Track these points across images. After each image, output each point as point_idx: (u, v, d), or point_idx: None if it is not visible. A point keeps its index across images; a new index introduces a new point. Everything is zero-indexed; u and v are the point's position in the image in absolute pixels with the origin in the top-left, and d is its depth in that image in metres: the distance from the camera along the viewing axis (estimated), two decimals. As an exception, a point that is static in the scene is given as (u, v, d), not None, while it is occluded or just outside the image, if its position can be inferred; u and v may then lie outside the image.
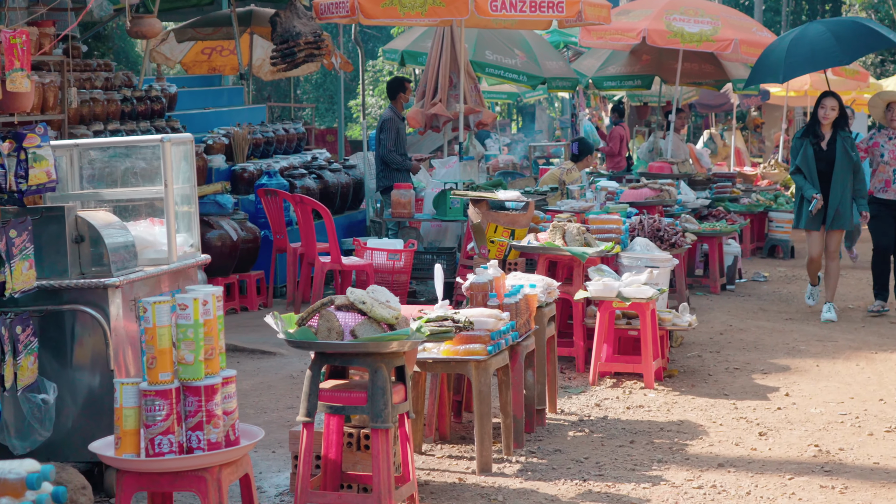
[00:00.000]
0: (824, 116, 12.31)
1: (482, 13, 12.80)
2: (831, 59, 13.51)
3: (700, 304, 13.29)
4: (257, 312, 12.07)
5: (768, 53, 14.06)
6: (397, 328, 5.77)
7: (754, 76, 14.71)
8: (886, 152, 12.88)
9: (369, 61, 34.60)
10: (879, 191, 12.86)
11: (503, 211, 10.44)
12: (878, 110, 13.09)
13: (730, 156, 23.35)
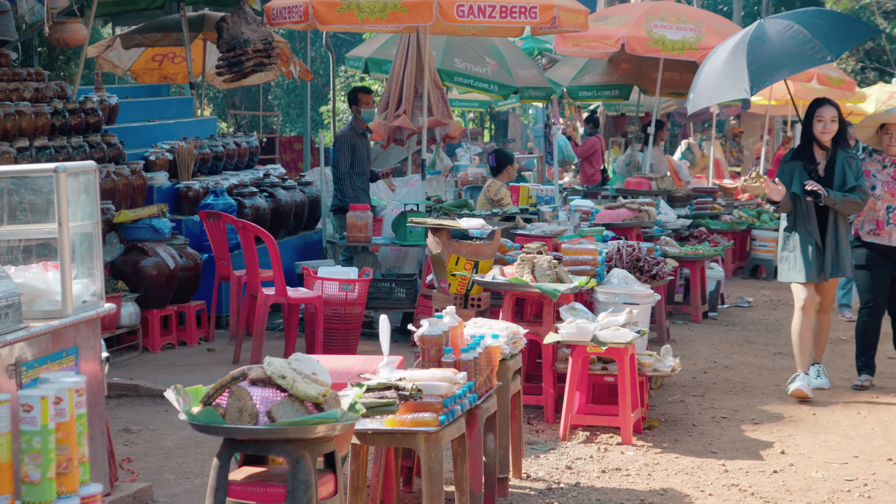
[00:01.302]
0: (824, 131, 9.51)
1: (448, 19, 11.82)
2: (814, 56, 10.12)
3: (681, 334, 12.32)
4: (196, 348, 11.04)
5: (716, 67, 10.57)
6: (325, 407, 4.76)
7: (703, 95, 10.87)
8: (879, 184, 10.01)
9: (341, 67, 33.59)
10: (868, 233, 10.04)
11: (466, 240, 9.40)
12: (869, 132, 10.14)
13: (708, 167, 22.47)
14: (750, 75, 9.89)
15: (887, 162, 10.08)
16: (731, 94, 10.48)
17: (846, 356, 11.36)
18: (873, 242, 10.00)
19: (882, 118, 10.14)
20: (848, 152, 9.59)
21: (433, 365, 6.18)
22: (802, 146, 9.67)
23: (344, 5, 11.89)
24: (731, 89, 10.33)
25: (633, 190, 16.37)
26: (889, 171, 10.05)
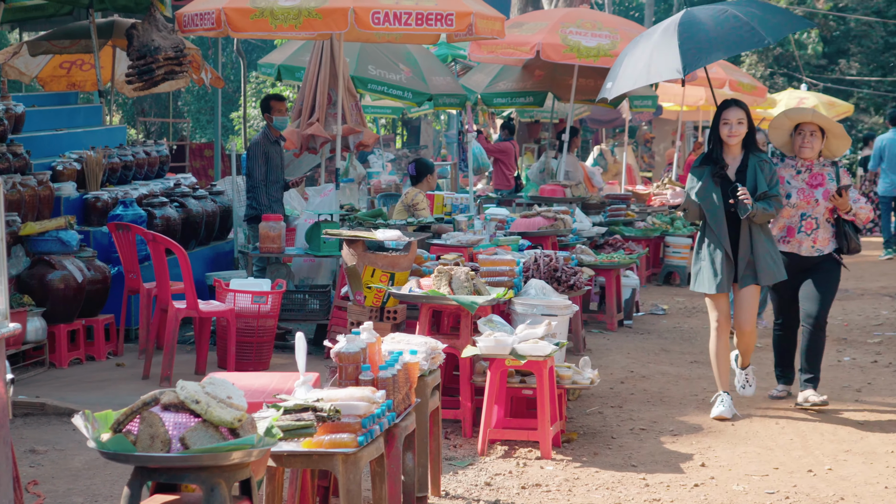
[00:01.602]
0: (730, 134, 8.99)
1: (363, 26, 11.65)
2: (751, 39, 9.57)
3: (597, 343, 12.27)
4: (105, 363, 10.78)
5: (643, 52, 9.97)
6: (241, 432, 4.59)
7: (628, 79, 10.05)
8: (794, 191, 9.45)
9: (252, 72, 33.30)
10: (780, 241, 9.51)
11: (381, 252, 9.27)
12: (783, 133, 9.60)
13: (621, 172, 22.51)
14: (682, 55, 9.36)
15: (801, 167, 9.54)
16: (662, 74, 9.89)
17: (763, 364, 11.34)
18: (782, 251, 9.39)
19: (797, 117, 9.54)
20: (759, 156, 9.08)
21: (351, 383, 6.04)
22: (711, 151, 9.14)
23: (257, 12, 11.70)
24: (662, 70, 9.72)
25: (548, 198, 16.33)
26: (804, 177, 9.52)
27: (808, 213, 9.49)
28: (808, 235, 9.50)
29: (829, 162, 9.60)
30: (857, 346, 12.41)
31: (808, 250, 9.51)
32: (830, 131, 9.49)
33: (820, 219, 9.50)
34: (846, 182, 9.48)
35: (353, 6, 11.53)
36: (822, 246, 9.52)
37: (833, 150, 9.61)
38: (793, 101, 29.65)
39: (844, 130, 9.54)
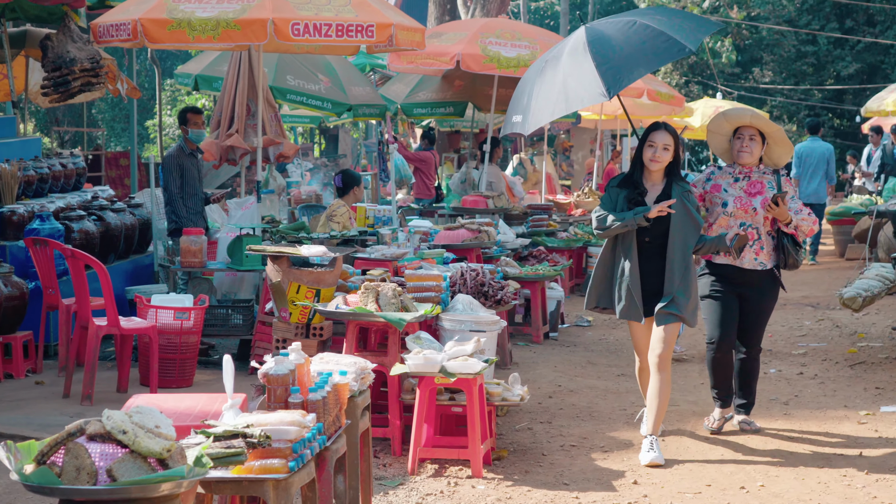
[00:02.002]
0: (653, 158, 8.28)
1: (283, 38, 11.49)
2: (670, 49, 8.54)
3: (523, 356, 12.18)
4: (24, 381, 10.50)
5: (553, 79, 8.78)
6: (170, 463, 4.43)
7: (544, 110, 8.80)
8: (731, 200, 8.83)
9: (167, 80, 32.98)
10: (723, 257, 8.90)
11: (307, 268, 9.11)
12: (721, 139, 9.01)
13: (541, 181, 22.47)
14: (603, 78, 8.21)
15: (739, 174, 8.89)
16: (584, 100, 8.62)
17: (688, 377, 11.35)
18: (725, 264, 8.84)
19: (736, 119, 8.89)
20: (683, 186, 8.33)
21: (280, 406, 5.89)
22: (632, 173, 8.42)
23: (175, 23, 11.50)
24: (584, 96, 8.50)
25: (471, 209, 16.26)
26: (742, 185, 8.87)
27: (748, 222, 8.80)
28: (751, 247, 8.81)
29: (769, 170, 8.95)
30: (782, 358, 12.42)
31: (750, 263, 8.84)
32: (772, 136, 8.88)
33: (761, 229, 8.82)
34: (789, 191, 8.88)
35: (273, 17, 11.37)
36: (764, 259, 8.87)
37: (774, 158, 8.98)
38: (709, 110, 29.81)
39: (786, 136, 8.93)
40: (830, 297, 16.18)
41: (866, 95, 37.54)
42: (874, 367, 11.85)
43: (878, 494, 7.62)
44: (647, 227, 8.22)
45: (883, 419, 9.70)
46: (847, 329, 14.15)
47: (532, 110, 8.80)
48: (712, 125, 9.08)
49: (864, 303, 11.98)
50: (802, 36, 43.55)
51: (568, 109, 8.70)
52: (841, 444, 8.90)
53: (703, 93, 42.46)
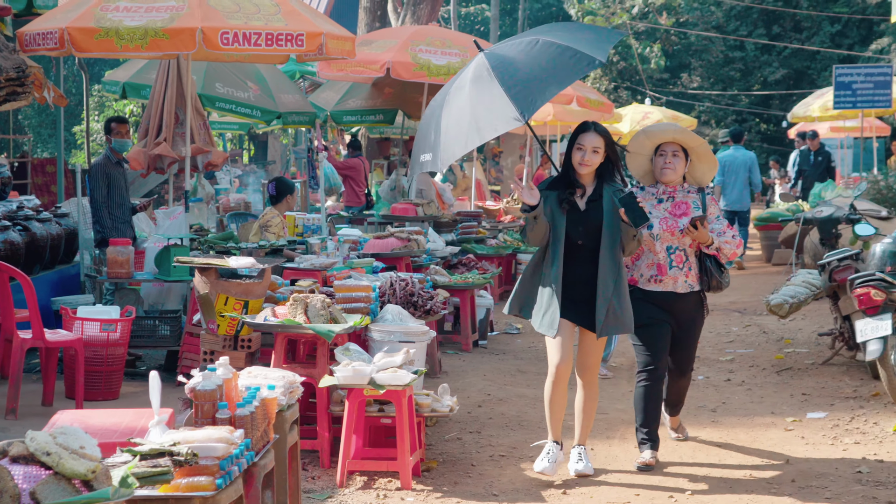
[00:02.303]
0: (582, 162, 7.90)
1: (212, 47, 11.41)
2: (580, 63, 7.84)
3: (453, 365, 12.18)
4: (-54, 396, 10.40)
5: (460, 110, 7.98)
6: (95, 484, 4.40)
7: (456, 143, 7.94)
8: (656, 222, 8.39)
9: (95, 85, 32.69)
10: (649, 280, 8.46)
11: (235, 279, 9.05)
12: (642, 160, 8.58)
13: (470, 188, 22.50)
14: (515, 102, 7.52)
15: (663, 195, 8.49)
16: (498, 128, 7.83)
17: (618, 384, 11.41)
18: (651, 291, 8.43)
19: (658, 136, 8.43)
20: (615, 186, 7.95)
21: (207, 421, 5.87)
22: (562, 175, 8.03)
23: (102, 32, 11.37)
24: (497, 124, 7.72)
25: (400, 216, 16.25)
26: (666, 206, 8.45)
27: (675, 245, 8.41)
28: (682, 270, 8.42)
29: (694, 188, 8.53)
30: (710, 365, 12.51)
31: (683, 286, 8.45)
32: (696, 152, 8.45)
33: (688, 251, 8.45)
34: (714, 212, 8.48)
35: (202, 26, 11.28)
36: (693, 281, 8.49)
37: (698, 176, 8.57)
38: (637, 116, 30.03)
39: (711, 151, 8.53)
40: (758, 302, 16.33)
41: (793, 101, 37.96)
42: (801, 373, 11.97)
43: (804, 503, 7.68)
44: (579, 229, 7.87)
45: (809, 426, 9.79)
46: (774, 335, 14.28)
47: (442, 145, 7.95)
48: (633, 146, 8.55)
49: (790, 309, 12.10)
50: (730, 42, 43.95)
51: (482, 139, 7.90)
52: (768, 452, 8.97)
53: (632, 98, 42.73)
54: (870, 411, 10.21)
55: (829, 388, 11.26)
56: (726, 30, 43.87)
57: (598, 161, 7.92)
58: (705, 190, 8.60)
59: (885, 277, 10.20)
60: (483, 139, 7.89)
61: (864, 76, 23.01)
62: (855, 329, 10.39)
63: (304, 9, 12.19)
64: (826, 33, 41.71)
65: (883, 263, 10.50)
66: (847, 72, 23.33)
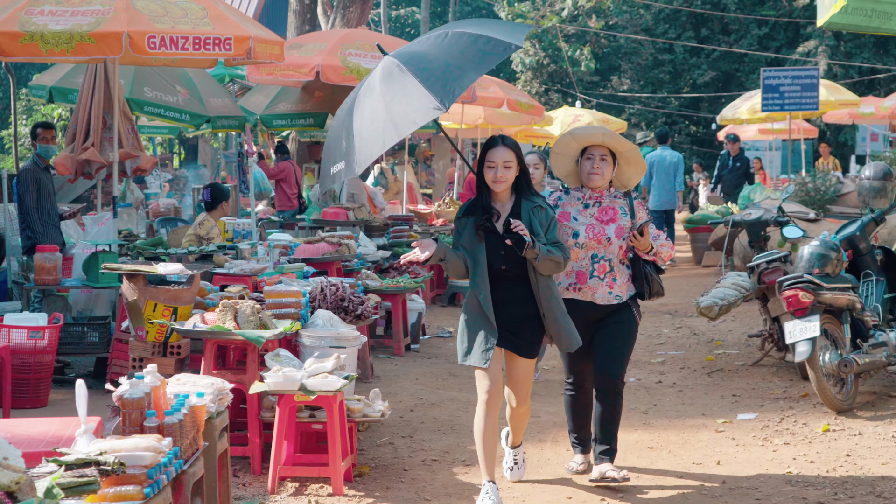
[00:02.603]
0: (495, 179, 7.46)
1: (139, 51, 11.33)
2: (495, 50, 7.60)
3: (385, 369, 12.15)
4: None
5: (374, 111, 7.57)
6: (19, 496, 4.33)
7: (374, 143, 7.50)
8: (582, 229, 8.04)
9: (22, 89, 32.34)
10: (568, 287, 8.07)
11: (163, 286, 8.99)
12: (567, 161, 8.23)
13: (402, 191, 22.48)
14: (433, 91, 7.20)
15: (589, 199, 8.15)
16: (417, 120, 7.36)
17: (550, 387, 11.42)
18: (573, 300, 8.02)
19: (586, 138, 8.09)
20: (533, 200, 7.54)
21: (135, 430, 5.80)
22: (478, 198, 7.58)
23: (27, 36, 11.26)
24: (416, 116, 7.32)
25: (331, 221, 16.20)
26: (593, 212, 8.11)
27: (600, 254, 8.04)
28: (603, 280, 8.05)
29: (620, 193, 8.21)
30: (641, 367, 12.56)
31: (604, 297, 8.07)
32: (624, 156, 8.13)
33: (614, 260, 8.06)
34: (643, 216, 8.16)
35: (128, 31, 11.20)
36: (619, 292, 8.10)
37: (624, 179, 8.26)
38: (568, 118, 30.12)
39: (640, 155, 8.19)
40: (688, 304, 16.42)
41: (722, 103, 38.25)
42: (731, 374, 12.04)
43: (734, 502, 7.73)
44: (500, 254, 7.40)
45: (740, 427, 9.85)
46: (704, 337, 14.37)
47: (356, 150, 7.54)
48: (558, 146, 8.20)
49: (720, 311, 12.17)
50: (659, 45, 44.22)
51: (400, 135, 7.46)
52: (699, 453, 9.01)
53: (562, 101, 42.90)
54: (799, 412, 10.29)
55: (759, 389, 11.34)
56: (655, 32, 44.14)
57: (511, 175, 7.47)
58: (632, 194, 8.28)
59: (813, 279, 10.28)
60: (402, 134, 7.51)
61: (792, 79, 23.25)
62: (784, 330, 10.45)
63: (232, 13, 12.13)
64: (754, 36, 42.06)
65: (811, 265, 10.57)
66: (774, 74, 23.55)
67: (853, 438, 9.33)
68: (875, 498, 7.77)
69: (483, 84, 19.98)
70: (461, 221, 7.59)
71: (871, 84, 39.80)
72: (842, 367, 10.13)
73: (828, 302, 10.32)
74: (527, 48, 43.53)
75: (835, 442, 9.25)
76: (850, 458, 8.74)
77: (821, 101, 23.79)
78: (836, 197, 19.93)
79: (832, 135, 40.30)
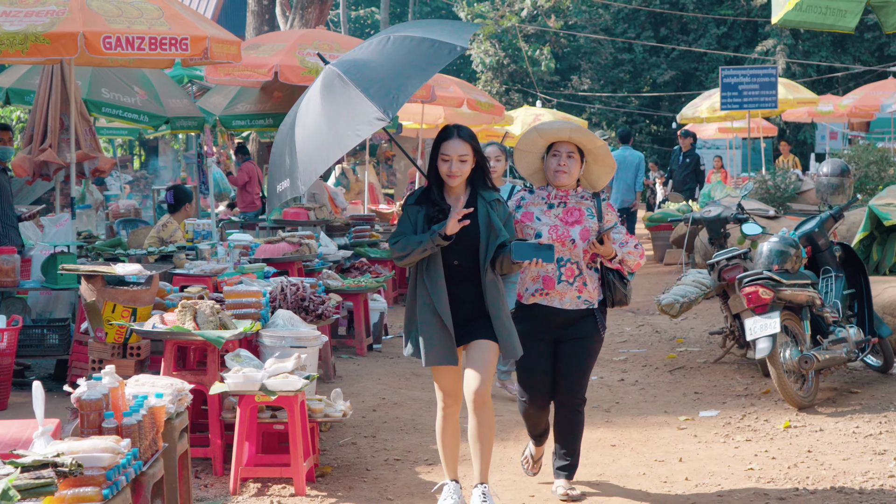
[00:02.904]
0: (450, 173, 7.09)
1: (94, 52, 11.25)
2: (440, 53, 7.09)
3: (347, 369, 12.11)
4: None
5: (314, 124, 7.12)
6: (-26, 498, 4.27)
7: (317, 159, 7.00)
8: (546, 230, 7.56)
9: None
10: (535, 293, 7.62)
11: (122, 287, 8.92)
12: (532, 158, 7.79)
13: (363, 192, 22.43)
14: (376, 101, 6.73)
15: (554, 199, 7.68)
16: (361, 132, 6.82)
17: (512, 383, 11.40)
18: (538, 304, 7.62)
19: (552, 134, 7.63)
20: (490, 195, 7.17)
21: (94, 431, 5.75)
22: (430, 187, 7.22)
23: (-19, 37, 11.17)
24: (360, 128, 6.79)
25: (292, 221, 16.15)
26: (557, 212, 7.64)
27: (566, 257, 7.57)
28: (572, 284, 7.57)
29: (588, 193, 7.75)
30: (603, 365, 12.56)
31: (572, 302, 7.60)
32: (592, 154, 7.68)
33: (581, 264, 7.60)
34: (611, 219, 7.69)
35: (83, 31, 11.12)
36: (589, 297, 7.64)
37: (592, 179, 7.82)
38: (529, 118, 30.13)
39: (609, 153, 7.72)
40: (650, 302, 16.44)
41: (682, 102, 38.42)
42: (693, 371, 12.07)
43: (698, 501, 7.73)
44: (453, 249, 7.03)
45: (701, 424, 9.87)
46: (666, 334, 14.40)
47: (300, 166, 7.03)
48: (522, 143, 7.73)
49: (681, 308, 12.19)
50: (619, 44, 44.33)
51: (344, 149, 6.93)
52: (662, 451, 9.02)
53: (523, 101, 42.92)
54: (760, 408, 10.31)
55: (721, 386, 11.36)
56: (615, 32, 44.25)
57: (467, 170, 7.08)
58: (601, 195, 7.80)
59: (773, 276, 10.31)
60: (345, 148, 6.91)
61: (750, 77, 23.34)
62: (745, 327, 10.48)
63: (188, 13, 12.07)
64: (713, 35, 42.22)
65: (770, 262, 10.60)
66: (733, 73, 23.64)
67: (814, 434, 9.36)
68: (836, 493, 7.79)
69: (443, 84, 19.99)
70: (412, 209, 7.14)
71: (829, 82, 40.05)
72: (802, 363, 10.16)
73: (787, 298, 10.35)
74: (487, 48, 43.57)
75: (796, 438, 9.28)
76: (811, 454, 8.76)
77: (779, 99, 23.88)
78: (795, 194, 20.02)
79: (792, 133, 40.52)
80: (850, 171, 12.34)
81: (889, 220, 12.77)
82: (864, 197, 15.91)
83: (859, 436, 9.24)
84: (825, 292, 11.14)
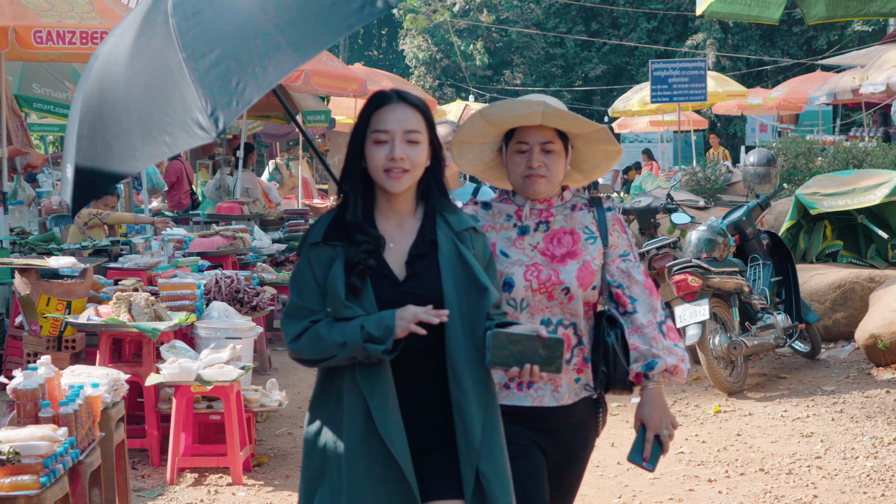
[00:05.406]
0: (392, 163, 3.84)
1: (25, 46, 11.22)
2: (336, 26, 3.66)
3: (283, 362, 12.16)
4: None
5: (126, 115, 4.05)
6: (-87, 484, 4.32)
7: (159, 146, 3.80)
8: (519, 273, 4.43)
9: None
10: (511, 385, 4.44)
11: (56, 280, 8.93)
12: (480, 152, 4.66)
13: (297, 186, 22.45)
14: (208, 95, 3.67)
15: (528, 218, 4.55)
16: (181, 142, 3.76)
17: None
18: (518, 406, 4.40)
19: (512, 120, 4.46)
20: (460, 218, 3.98)
21: (30, 421, 5.79)
22: (346, 204, 3.93)
23: None
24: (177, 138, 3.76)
25: (226, 215, 16.16)
26: (535, 240, 4.51)
27: (557, 317, 4.46)
28: (569, 363, 4.49)
29: (583, 199, 4.67)
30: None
31: (568, 392, 4.52)
32: (583, 138, 4.55)
33: (581, 325, 4.50)
34: (621, 243, 4.59)
35: (14, 25, 11.09)
36: (590, 379, 4.56)
37: (587, 167, 4.70)
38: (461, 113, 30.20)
39: (613, 137, 4.55)
40: (582, 293, 16.57)
41: (613, 96, 38.64)
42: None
43: (630, 484, 7.87)
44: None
45: (633, 409, 9.93)
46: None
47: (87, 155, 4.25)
48: (464, 134, 4.56)
49: (612, 297, 12.28)
50: (551, 39, 44.54)
51: (148, 160, 3.98)
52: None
53: (456, 95, 43.02)
54: (691, 394, 10.47)
55: (652, 372, 11.49)
56: (546, 27, 44.46)
57: (420, 160, 3.92)
58: (602, 201, 4.68)
59: (702, 264, 10.47)
60: (149, 159, 3.99)
61: (680, 70, 23.55)
62: (674, 315, 10.62)
63: (119, 7, 12.07)
64: (643, 29, 42.54)
65: (699, 250, 10.76)
66: (662, 66, 23.86)
67: (743, 419, 9.53)
68: (764, 475, 7.96)
69: (375, 78, 20.05)
70: (320, 253, 3.91)
71: (758, 76, 40.45)
72: (731, 349, 10.32)
73: (716, 286, 10.50)
74: (420, 43, 43.64)
75: (726, 422, 9.44)
76: (740, 438, 8.93)
77: (709, 92, 24.12)
78: (725, 186, 20.26)
79: (722, 126, 40.89)
80: (776, 160, 12.53)
81: (815, 209, 13.00)
82: (791, 187, 16.14)
83: (787, 419, 9.42)
84: (753, 280, 11.32)
